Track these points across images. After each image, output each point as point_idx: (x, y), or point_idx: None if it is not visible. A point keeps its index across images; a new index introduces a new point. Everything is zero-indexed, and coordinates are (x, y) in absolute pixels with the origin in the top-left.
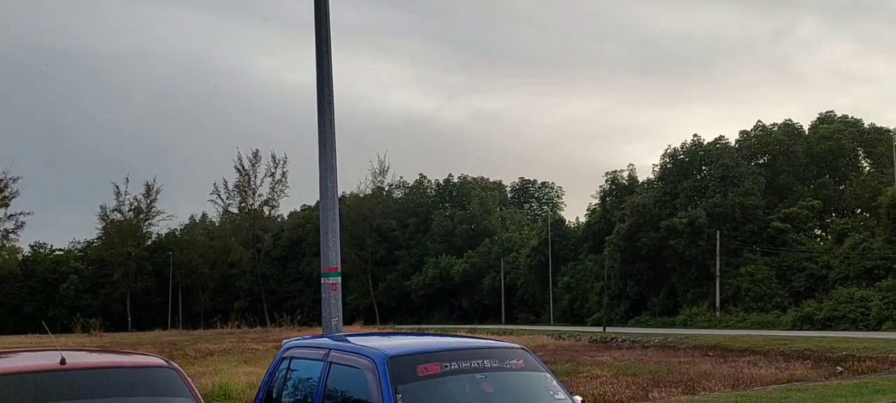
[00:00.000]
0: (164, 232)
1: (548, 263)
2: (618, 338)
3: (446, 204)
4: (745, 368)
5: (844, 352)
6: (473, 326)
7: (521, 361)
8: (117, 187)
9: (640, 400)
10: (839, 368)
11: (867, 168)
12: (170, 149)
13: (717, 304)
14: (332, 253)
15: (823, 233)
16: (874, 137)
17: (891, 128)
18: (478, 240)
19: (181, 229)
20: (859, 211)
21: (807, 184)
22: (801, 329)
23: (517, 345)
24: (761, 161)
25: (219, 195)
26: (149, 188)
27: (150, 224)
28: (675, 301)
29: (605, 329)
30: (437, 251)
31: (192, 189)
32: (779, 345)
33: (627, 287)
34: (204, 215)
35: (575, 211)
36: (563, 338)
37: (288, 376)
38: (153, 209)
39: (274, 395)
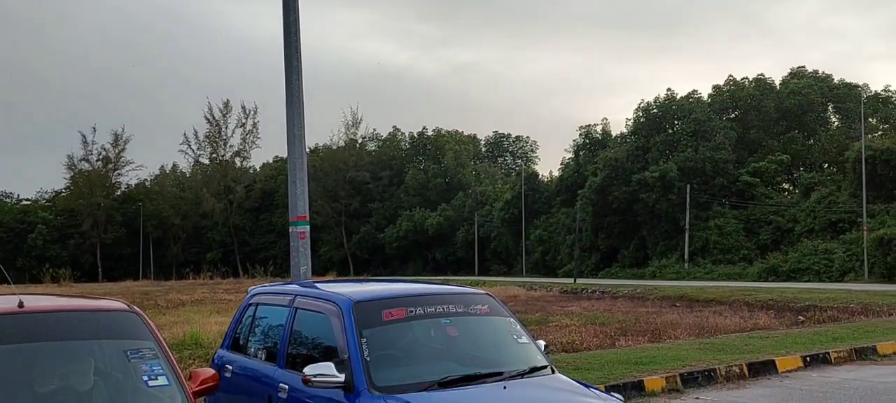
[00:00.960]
0: (133, 182)
1: (521, 216)
2: (588, 289)
3: (420, 158)
4: (710, 318)
5: (807, 303)
6: (447, 278)
7: (485, 306)
8: (84, 136)
9: (607, 348)
10: (801, 318)
11: (836, 123)
12: (138, 98)
13: (686, 257)
14: (300, 201)
15: (791, 187)
16: (843, 93)
17: (860, 83)
18: (452, 194)
19: (151, 180)
20: (827, 165)
21: (776, 138)
22: (766, 280)
23: (482, 291)
24: (733, 115)
25: (189, 146)
26: (117, 137)
27: (119, 174)
28: (644, 253)
29: (575, 280)
30: (411, 204)
31: (162, 139)
32: (744, 296)
33: (599, 239)
34: (174, 166)
35: (549, 165)
36: (535, 289)
37: (254, 322)
38: (122, 159)
39: (240, 342)
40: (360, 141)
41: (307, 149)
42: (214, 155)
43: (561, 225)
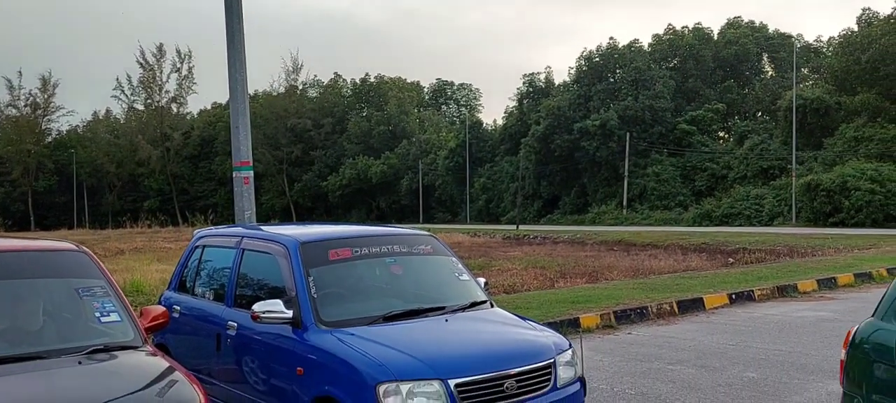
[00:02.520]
0: (65, 129)
1: (465, 164)
2: (530, 235)
3: (363, 105)
4: (645, 260)
5: (737, 246)
6: (391, 226)
7: (428, 247)
8: (10, 81)
9: (546, 289)
10: (731, 260)
11: (770, 73)
12: (66, 42)
13: (625, 203)
14: (242, 147)
15: (726, 135)
16: (778, 43)
17: (794, 33)
18: (395, 142)
19: (84, 126)
20: (760, 114)
21: (713, 87)
22: (700, 225)
23: (425, 233)
24: (672, 65)
25: (122, 91)
26: (45, 82)
27: (49, 120)
28: (585, 200)
29: (518, 226)
30: (354, 152)
31: (93, 84)
32: (678, 240)
33: (541, 187)
34: (108, 112)
35: (492, 113)
36: (479, 236)
37: (201, 264)
38: (51, 104)
39: (187, 283)
40: (300, 87)
41: (248, 96)
42: (149, 101)
43: (505, 174)
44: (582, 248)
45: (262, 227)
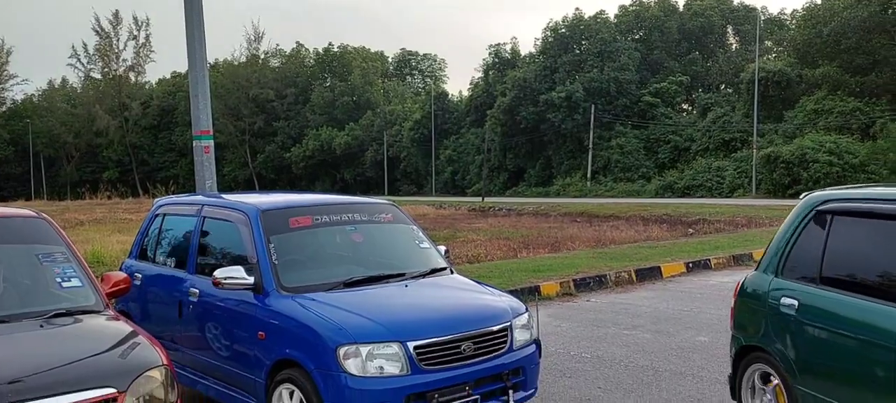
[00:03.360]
0: (19, 98)
1: (431, 136)
2: (495, 207)
3: (326, 75)
4: (607, 231)
5: (698, 216)
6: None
7: (389, 215)
8: None
9: (509, 259)
10: (691, 230)
11: (734, 45)
12: (20, 7)
13: (589, 175)
14: (202, 116)
15: (690, 108)
16: (742, 15)
17: (758, 5)
18: (360, 113)
19: (39, 95)
20: (723, 86)
21: (678, 59)
22: (663, 196)
23: (386, 201)
24: (637, 36)
25: (78, 59)
26: None
27: (2, 89)
28: (550, 172)
29: (483, 198)
30: (318, 123)
31: (48, 52)
32: (640, 211)
33: (507, 159)
34: (64, 80)
35: (458, 84)
36: (444, 208)
37: (161, 232)
38: (5, 73)
39: (148, 251)
40: (262, 57)
41: (208, 64)
42: (106, 69)
43: (470, 145)
44: (546, 220)
45: (223, 196)
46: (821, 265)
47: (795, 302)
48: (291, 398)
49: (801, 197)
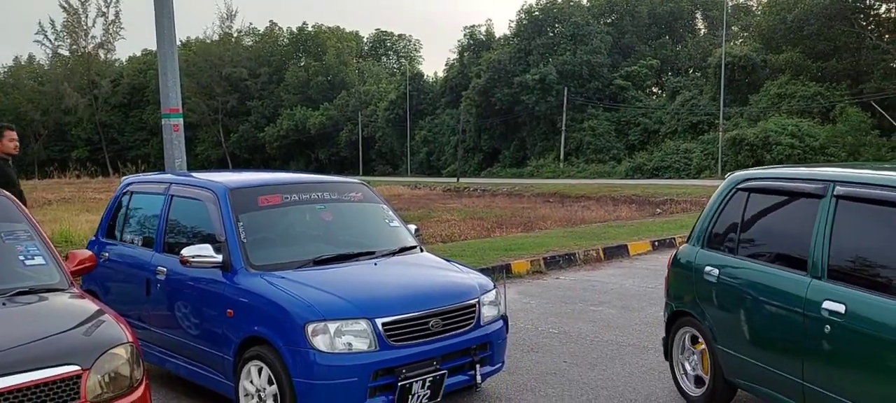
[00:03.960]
0: None
1: (406, 117)
2: (470, 188)
3: (300, 55)
4: (578, 211)
5: (665, 197)
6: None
7: (359, 194)
8: None
9: (482, 239)
10: (658, 210)
11: (703, 30)
12: None
13: (562, 156)
14: (172, 94)
15: (659, 91)
16: (710, 1)
17: None
18: (334, 93)
19: (4, 71)
20: (692, 70)
21: (648, 43)
22: (632, 177)
23: (356, 180)
24: (609, 20)
25: (46, 35)
26: None
27: None
28: (524, 153)
29: (458, 179)
30: (292, 102)
31: (14, 28)
32: (610, 192)
33: (481, 140)
34: (31, 57)
35: (433, 65)
36: (419, 188)
37: (129, 210)
38: None
39: (115, 230)
40: (235, 35)
41: (179, 42)
42: (75, 46)
43: (446, 126)
44: (519, 200)
45: (191, 174)
46: (738, 237)
47: (716, 271)
48: (260, 375)
49: (725, 176)
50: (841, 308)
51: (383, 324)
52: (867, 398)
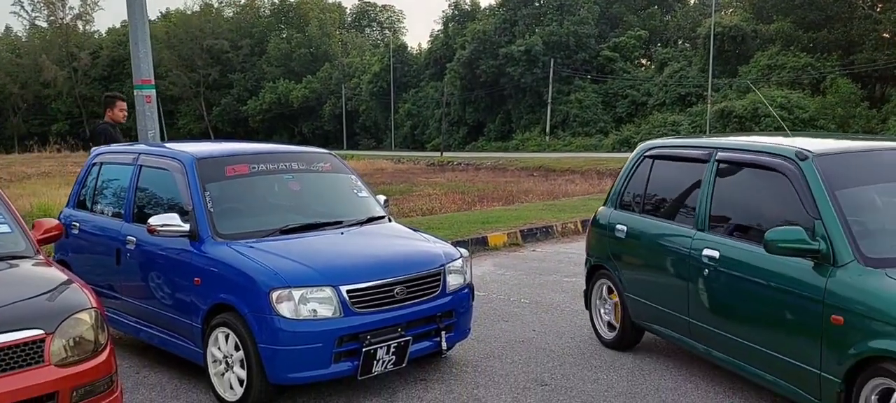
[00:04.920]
0: None
1: (390, 89)
2: (454, 162)
3: (282, 26)
4: (562, 185)
5: None
6: None
7: (327, 164)
8: None
9: (463, 212)
10: None
11: (692, 0)
12: None
13: (548, 129)
14: (143, 64)
15: (648, 62)
16: None
17: None
18: (317, 65)
19: None
20: (681, 41)
21: (636, 14)
22: (620, 151)
23: (325, 151)
24: None
25: (22, 7)
26: None
27: None
28: (509, 126)
29: (442, 153)
30: (275, 75)
31: None
32: (596, 165)
33: (466, 113)
34: (8, 29)
35: (418, 37)
36: (402, 162)
37: (98, 181)
38: None
39: (86, 200)
40: (216, 6)
41: (159, 13)
42: (52, 17)
43: (430, 99)
44: (503, 174)
45: (160, 144)
46: (643, 198)
47: (625, 228)
48: (227, 341)
49: (637, 146)
50: (716, 254)
51: (348, 291)
52: (734, 326)
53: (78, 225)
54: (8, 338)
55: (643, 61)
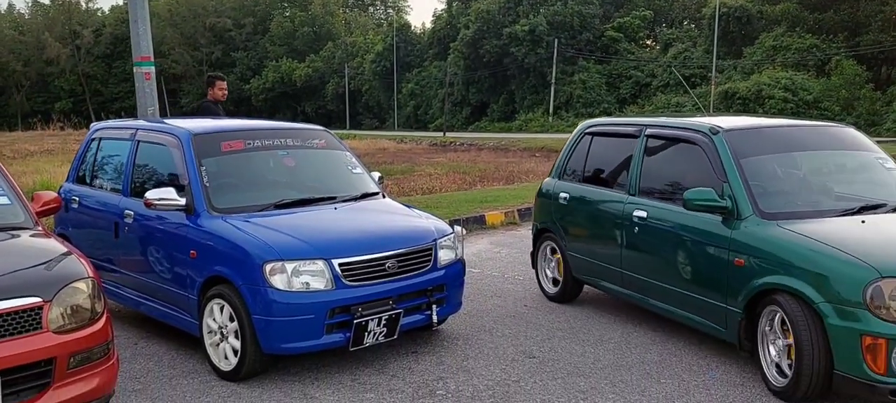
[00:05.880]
0: None
1: (393, 69)
2: (456, 142)
3: (285, 4)
4: None
5: None
6: None
7: (322, 141)
8: None
9: (463, 191)
10: None
11: None
12: None
13: (551, 110)
14: (143, 41)
15: (653, 43)
16: None
17: None
18: (321, 44)
19: None
20: (686, 22)
21: None
22: None
23: (319, 128)
24: None
25: None
26: None
27: None
28: (513, 107)
29: (444, 133)
30: (278, 54)
31: None
32: None
33: (469, 93)
34: (10, 6)
35: (421, 16)
36: (405, 142)
37: (97, 156)
38: None
39: (85, 175)
40: None
41: None
42: None
43: (433, 79)
44: (505, 155)
45: (157, 120)
46: (584, 169)
47: (567, 195)
48: (222, 312)
49: (579, 125)
50: (644, 214)
51: (340, 265)
52: (659, 273)
53: (77, 199)
54: (7, 305)
55: (648, 42)
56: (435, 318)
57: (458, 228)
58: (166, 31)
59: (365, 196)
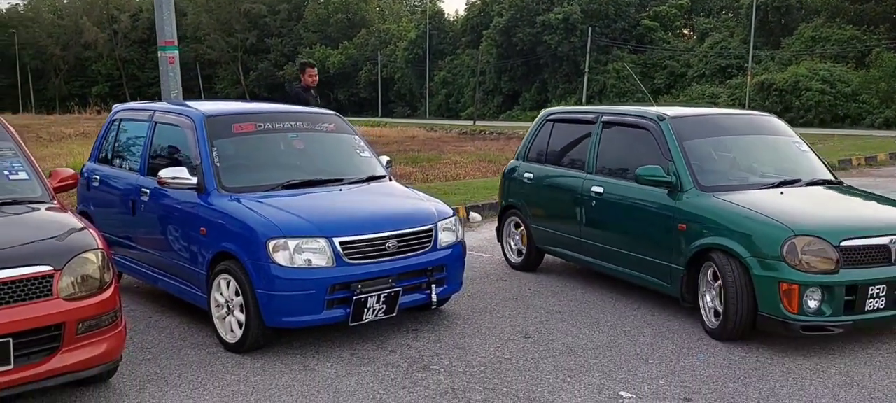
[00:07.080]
0: (4, 7)
1: (425, 57)
2: (486, 131)
3: None
4: None
5: None
6: (349, 119)
7: (332, 125)
8: None
9: (485, 178)
10: None
11: None
12: None
13: (584, 100)
14: (167, 26)
15: (689, 32)
16: None
17: None
18: (354, 31)
19: (25, 5)
20: (724, 11)
21: None
22: None
23: (330, 112)
24: None
25: None
26: None
27: None
28: (545, 96)
29: (474, 122)
30: (312, 41)
31: None
32: None
33: (502, 82)
34: None
35: (455, 3)
36: (434, 131)
37: (118, 136)
38: None
39: (107, 155)
40: None
41: None
42: None
43: (465, 67)
44: None
45: (175, 102)
46: (546, 151)
47: (531, 175)
48: (228, 287)
49: (541, 113)
50: (601, 189)
51: (341, 243)
52: (613, 240)
53: (98, 178)
54: (21, 272)
55: (685, 31)
56: (434, 297)
57: (473, 215)
58: (202, 17)
59: (371, 178)
